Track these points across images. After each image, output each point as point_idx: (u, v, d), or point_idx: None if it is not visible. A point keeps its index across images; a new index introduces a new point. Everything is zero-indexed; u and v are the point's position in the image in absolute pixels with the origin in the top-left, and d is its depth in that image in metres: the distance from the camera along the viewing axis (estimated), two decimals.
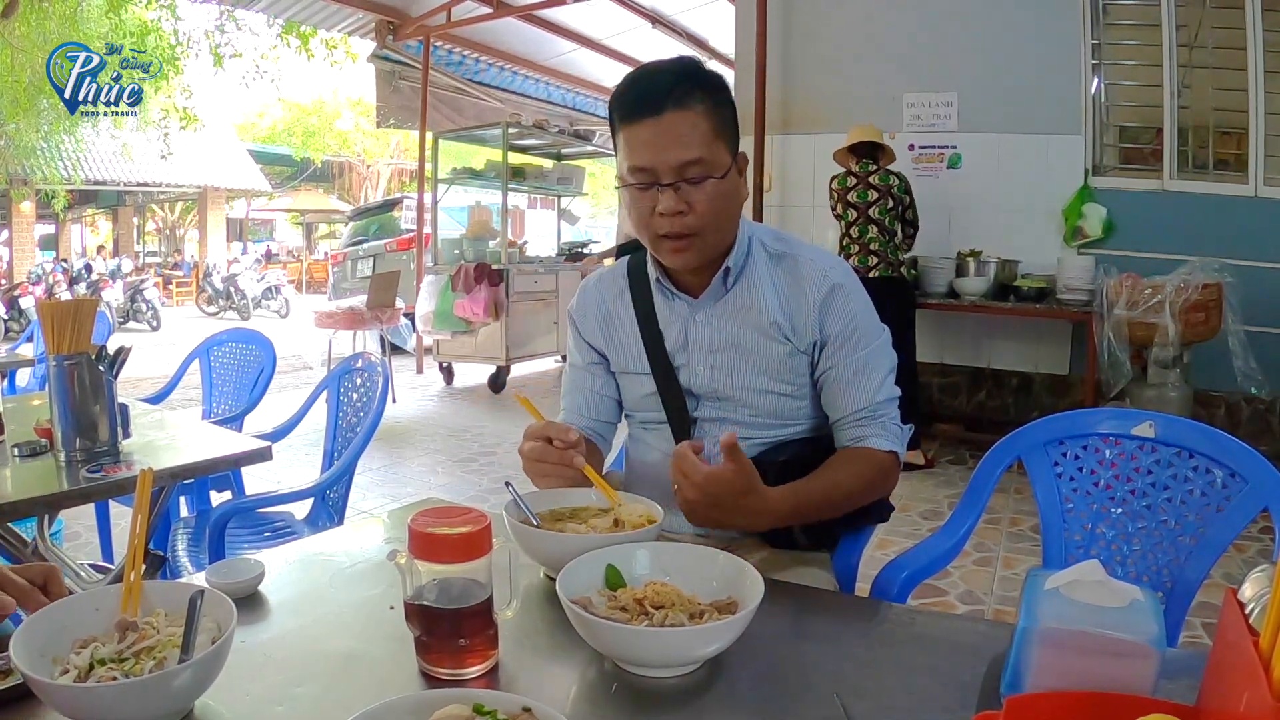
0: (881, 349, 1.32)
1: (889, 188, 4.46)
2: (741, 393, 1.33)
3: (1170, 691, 0.78)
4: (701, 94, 1.22)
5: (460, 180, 7.92)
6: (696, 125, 1.21)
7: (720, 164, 1.23)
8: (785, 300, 1.31)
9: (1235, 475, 1.23)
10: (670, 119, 1.20)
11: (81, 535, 3.39)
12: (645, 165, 1.22)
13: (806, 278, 1.30)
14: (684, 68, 1.25)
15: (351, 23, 7.60)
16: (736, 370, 1.33)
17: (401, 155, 23.72)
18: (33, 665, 0.76)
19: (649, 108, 1.21)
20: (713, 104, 1.23)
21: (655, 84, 1.22)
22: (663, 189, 1.22)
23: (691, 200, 1.22)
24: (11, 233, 15.91)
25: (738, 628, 0.87)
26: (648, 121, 1.21)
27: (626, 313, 1.40)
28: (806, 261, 1.32)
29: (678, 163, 1.21)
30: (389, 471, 4.61)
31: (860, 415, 1.30)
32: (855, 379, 1.29)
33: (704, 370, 1.34)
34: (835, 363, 1.30)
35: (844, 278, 1.31)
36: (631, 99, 1.23)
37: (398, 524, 1.33)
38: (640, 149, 1.22)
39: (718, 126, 1.23)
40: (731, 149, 1.26)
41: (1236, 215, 4.47)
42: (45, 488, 1.62)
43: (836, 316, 1.29)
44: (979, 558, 3.30)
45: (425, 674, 0.88)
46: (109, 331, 3.71)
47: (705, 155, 1.21)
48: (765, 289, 1.32)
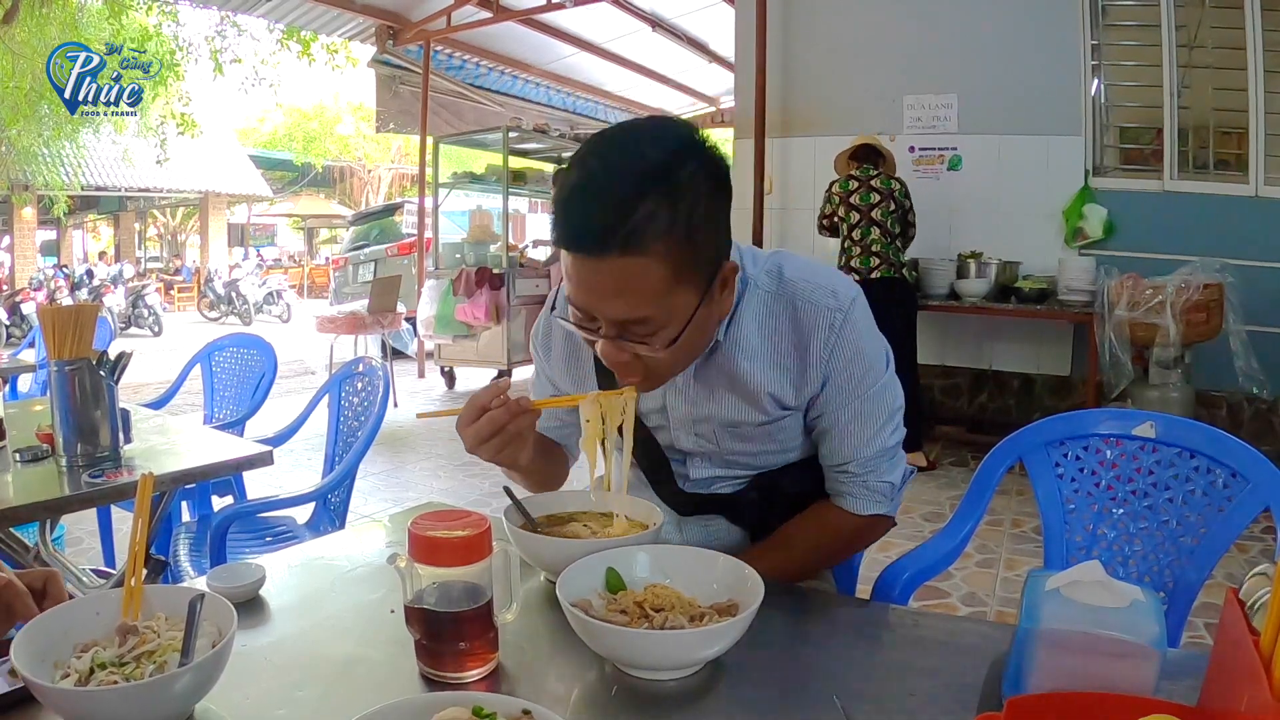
0: (880, 394, 1.14)
1: (891, 191, 4.46)
2: (731, 455, 1.22)
3: (1172, 692, 0.78)
4: (666, 225, 0.92)
5: (461, 185, 7.94)
6: (649, 274, 0.93)
7: (678, 315, 0.98)
8: (782, 357, 1.12)
9: (1237, 475, 1.23)
10: (614, 265, 0.92)
11: (83, 540, 3.39)
12: (580, 305, 0.99)
13: (806, 329, 1.10)
14: (643, 188, 0.91)
15: (352, 28, 7.62)
16: (724, 439, 1.20)
17: (402, 160, 23.75)
18: (34, 669, 0.76)
19: (588, 246, 0.93)
20: (681, 237, 0.93)
21: (602, 213, 0.92)
22: (601, 335, 1.00)
23: (638, 351, 1.00)
24: (13, 238, 15.92)
25: (738, 630, 0.87)
26: (587, 260, 0.94)
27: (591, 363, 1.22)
28: (805, 306, 1.10)
29: (619, 318, 0.97)
30: (390, 476, 4.61)
31: (843, 469, 1.18)
32: (845, 430, 1.15)
33: (685, 437, 1.21)
34: (825, 411, 1.15)
35: (848, 314, 1.10)
36: (570, 228, 0.94)
37: (398, 528, 1.33)
38: (576, 283, 0.97)
39: (679, 267, 0.94)
40: (703, 282, 0.99)
41: (1237, 215, 4.47)
42: (47, 493, 1.62)
43: (838, 364, 1.11)
44: (981, 559, 3.29)
45: (425, 677, 0.88)
46: (110, 337, 3.72)
47: (655, 314, 0.96)
48: (758, 353, 1.12)
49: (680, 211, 0.93)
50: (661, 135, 0.97)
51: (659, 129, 0.99)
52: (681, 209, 0.93)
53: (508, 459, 1.08)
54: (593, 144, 0.98)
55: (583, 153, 0.97)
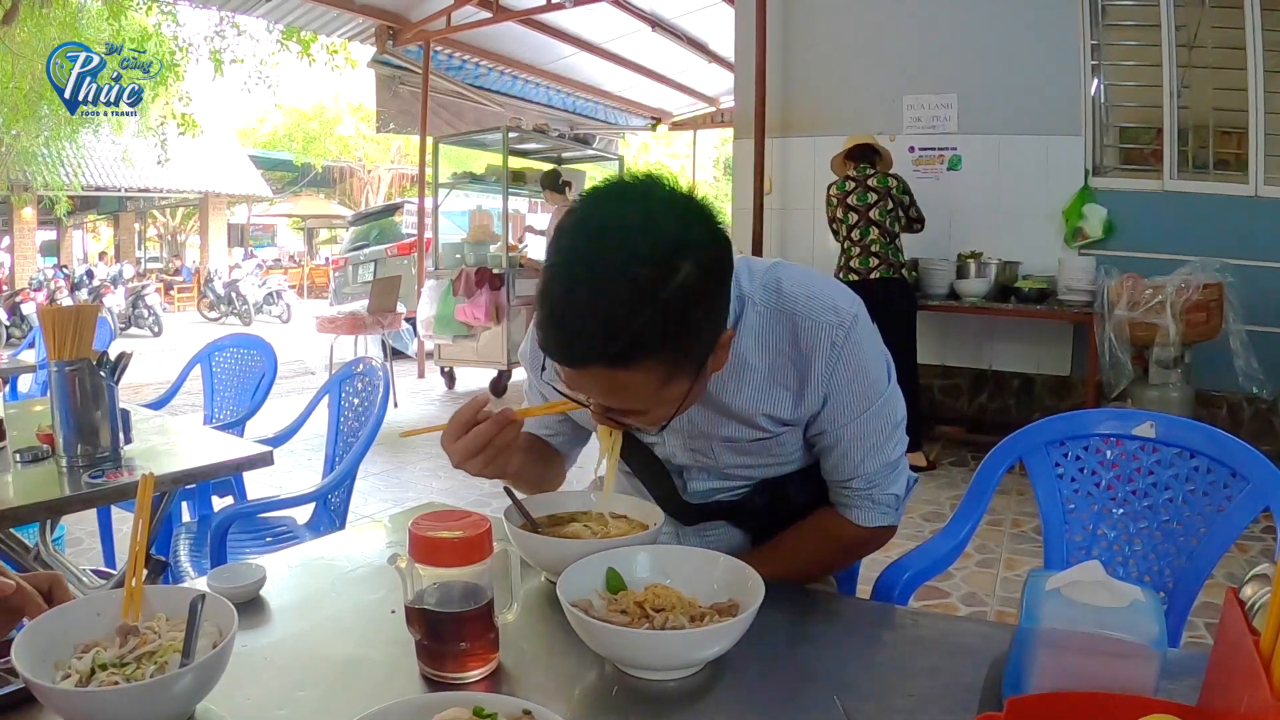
0: (882, 410, 1.12)
1: (888, 190, 4.46)
2: (729, 469, 1.20)
3: (1172, 692, 0.79)
4: (658, 341, 0.86)
5: (461, 185, 7.93)
6: (640, 381, 0.89)
7: (670, 403, 0.95)
8: (781, 374, 1.09)
9: (1237, 475, 1.23)
10: (603, 375, 0.89)
11: (84, 541, 3.39)
12: (569, 388, 0.97)
13: (807, 347, 1.06)
14: (633, 306, 0.84)
15: (351, 28, 7.61)
16: (721, 454, 1.18)
17: (402, 160, 23.74)
18: (34, 670, 0.76)
19: (575, 362, 0.89)
20: (673, 346, 0.88)
21: (589, 334, 0.86)
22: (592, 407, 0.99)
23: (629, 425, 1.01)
24: (13, 239, 15.92)
25: (738, 630, 0.87)
26: (575, 371, 0.91)
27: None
28: (806, 323, 1.06)
29: (610, 408, 0.96)
30: (390, 476, 4.61)
31: (846, 484, 1.16)
32: (848, 447, 1.13)
33: (682, 453, 1.20)
34: (827, 428, 1.12)
35: (850, 332, 1.06)
36: (557, 343, 0.89)
37: (399, 528, 1.33)
38: (564, 376, 0.94)
39: (672, 369, 0.90)
40: (697, 368, 0.94)
41: (1237, 215, 4.47)
42: (47, 493, 1.62)
43: (840, 382, 1.08)
44: (981, 559, 3.29)
45: (426, 677, 0.88)
46: (110, 337, 3.72)
47: (647, 407, 0.95)
48: (755, 372, 1.09)
49: (671, 323, 0.86)
50: (652, 234, 0.87)
51: (649, 225, 0.88)
52: (673, 320, 0.86)
53: (495, 471, 1.07)
54: (579, 240, 0.89)
55: (566, 255, 0.88)
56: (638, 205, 0.91)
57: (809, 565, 1.21)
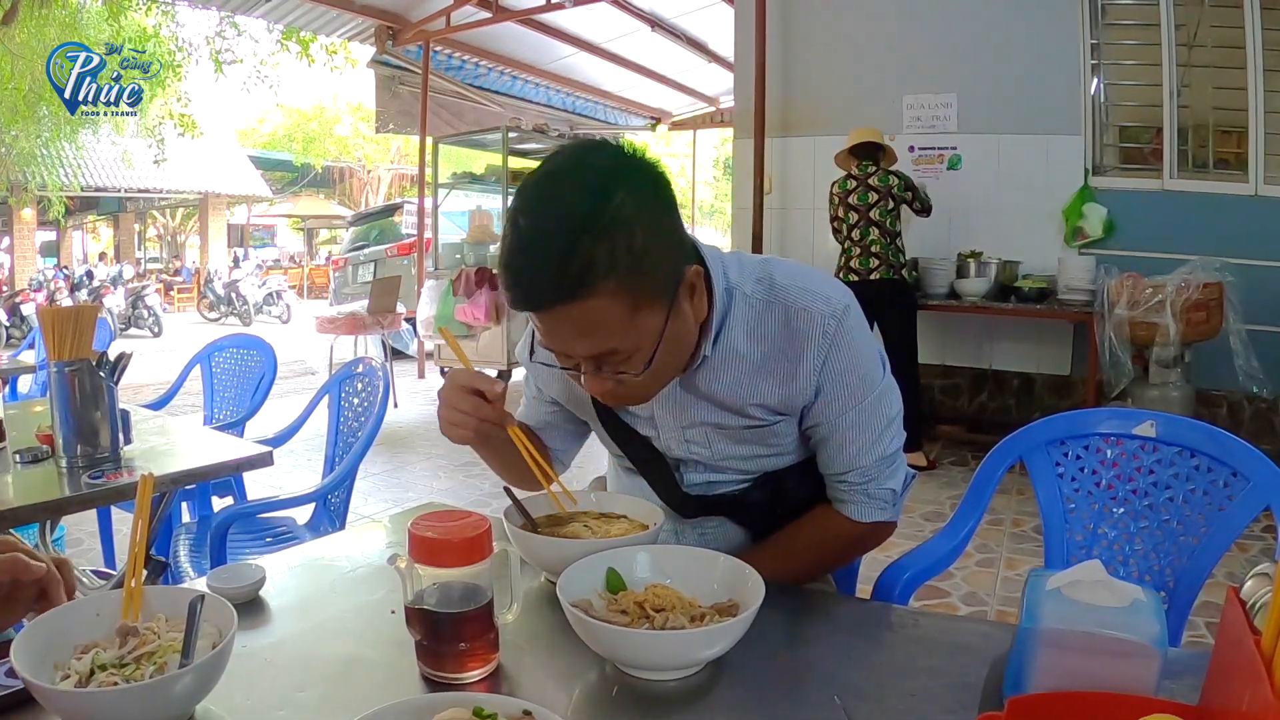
0: (876, 402, 1.12)
1: (888, 189, 4.46)
2: (724, 460, 1.20)
3: (1173, 691, 0.78)
4: (607, 265, 0.90)
5: (461, 185, 7.93)
6: (605, 312, 0.92)
7: (648, 338, 0.98)
8: (774, 364, 1.10)
9: (1237, 474, 1.23)
10: (568, 313, 0.92)
11: (83, 541, 3.39)
12: (551, 349, 1.01)
13: (800, 335, 1.08)
14: (574, 236, 0.89)
15: (351, 28, 7.61)
16: (716, 443, 1.18)
17: (402, 160, 23.74)
18: (34, 670, 0.76)
19: (537, 304, 0.93)
20: (627, 269, 0.91)
21: (542, 271, 0.90)
22: (582, 370, 1.01)
23: (620, 375, 1.00)
24: (13, 240, 15.93)
25: (738, 630, 0.87)
26: (543, 314, 0.95)
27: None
28: (798, 313, 1.08)
29: (588, 354, 0.98)
30: (390, 476, 4.60)
31: (842, 478, 1.17)
32: (843, 439, 1.13)
33: (677, 445, 1.20)
34: (821, 420, 1.13)
35: (842, 321, 1.08)
36: (517, 291, 0.93)
37: (398, 528, 1.33)
38: (541, 331, 0.99)
39: (635, 295, 0.93)
40: (665, 299, 0.98)
41: (1237, 214, 4.47)
42: (47, 494, 1.62)
43: (833, 372, 1.09)
44: (981, 559, 3.29)
45: (426, 678, 0.88)
46: (110, 338, 3.72)
47: (623, 344, 0.96)
48: (747, 363, 1.10)
49: (619, 246, 0.90)
50: (581, 174, 0.94)
51: (578, 168, 0.95)
52: (620, 243, 0.90)
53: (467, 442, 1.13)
54: (520, 200, 0.94)
55: (513, 211, 0.94)
56: (572, 157, 0.98)
57: (807, 562, 1.21)
